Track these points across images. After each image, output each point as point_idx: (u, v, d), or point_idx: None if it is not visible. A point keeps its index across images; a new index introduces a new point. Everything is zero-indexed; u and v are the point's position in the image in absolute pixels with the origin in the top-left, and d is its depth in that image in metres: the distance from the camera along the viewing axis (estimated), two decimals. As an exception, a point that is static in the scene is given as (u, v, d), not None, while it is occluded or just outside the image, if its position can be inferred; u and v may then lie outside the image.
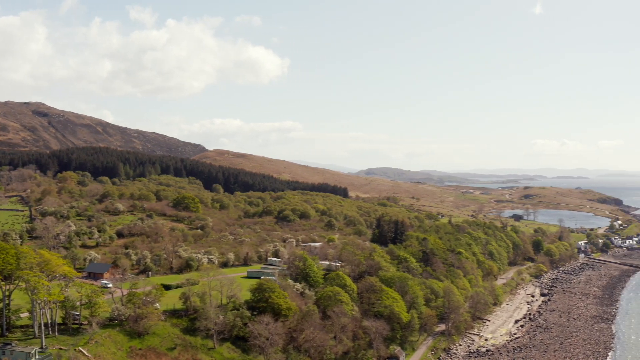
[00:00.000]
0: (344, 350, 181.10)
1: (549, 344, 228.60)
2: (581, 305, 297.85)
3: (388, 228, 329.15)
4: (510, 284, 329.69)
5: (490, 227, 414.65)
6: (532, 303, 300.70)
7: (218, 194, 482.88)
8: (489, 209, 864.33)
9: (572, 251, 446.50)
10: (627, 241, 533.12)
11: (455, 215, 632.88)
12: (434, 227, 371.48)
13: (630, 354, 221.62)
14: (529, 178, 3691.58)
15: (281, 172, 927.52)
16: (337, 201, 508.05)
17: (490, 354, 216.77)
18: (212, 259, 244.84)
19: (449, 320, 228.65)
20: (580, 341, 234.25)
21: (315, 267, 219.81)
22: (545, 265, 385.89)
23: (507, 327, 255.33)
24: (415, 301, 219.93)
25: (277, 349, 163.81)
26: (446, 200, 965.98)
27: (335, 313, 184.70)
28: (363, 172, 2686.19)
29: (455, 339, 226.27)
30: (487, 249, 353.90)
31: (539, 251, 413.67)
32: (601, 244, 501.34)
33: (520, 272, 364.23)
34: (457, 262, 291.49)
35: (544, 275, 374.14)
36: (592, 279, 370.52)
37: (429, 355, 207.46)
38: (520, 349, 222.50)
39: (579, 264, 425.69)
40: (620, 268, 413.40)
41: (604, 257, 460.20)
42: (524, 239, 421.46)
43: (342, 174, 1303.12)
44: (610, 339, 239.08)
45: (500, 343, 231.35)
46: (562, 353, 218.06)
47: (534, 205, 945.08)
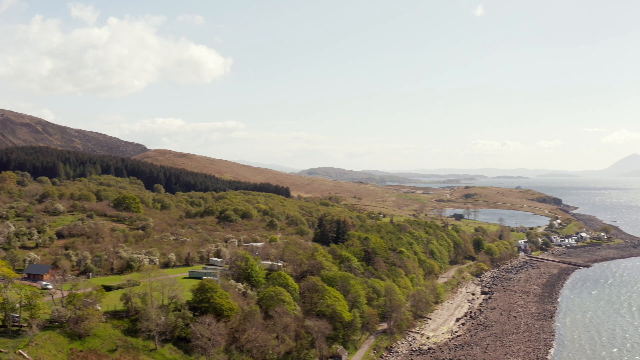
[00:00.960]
0: (287, 350, 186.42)
1: (490, 342, 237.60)
2: (521, 303, 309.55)
3: (330, 228, 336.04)
4: (452, 283, 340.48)
5: (432, 227, 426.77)
6: (473, 301, 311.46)
7: (159, 194, 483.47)
8: (430, 209, 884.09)
9: (513, 250, 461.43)
10: (566, 240, 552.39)
11: (397, 214, 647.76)
12: (376, 227, 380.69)
13: (569, 350, 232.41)
14: (469, 178, 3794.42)
15: (223, 172, 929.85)
16: (280, 201, 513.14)
17: (432, 352, 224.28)
18: (153, 259, 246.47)
19: (391, 319, 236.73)
20: (521, 338, 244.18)
21: (257, 267, 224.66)
22: (486, 264, 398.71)
23: (449, 325, 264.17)
24: (357, 300, 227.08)
25: (220, 349, 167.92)
26: (388, 199, 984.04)
27: (278, 313, 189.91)
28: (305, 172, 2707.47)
29: (397, 338, 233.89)
30: (428, 248, 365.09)
31: (479, 250, 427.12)
32: (541, 243, 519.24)
33: (461, 270, 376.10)
34: (398, 261, 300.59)
35: (484, 273, 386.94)
36: (532, 277, 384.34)
37: (371, 354, 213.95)
38: (461, 347, 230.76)
39: (519, 262, 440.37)
40: (559, 266, 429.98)
41: (544, 256, 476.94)
42: (465, 238, 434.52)
43: (284, 174, 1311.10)
44: (551, 336, 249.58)
45: (441, 341, 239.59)
46: (503, 350, 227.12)
47: (475, 204, 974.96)
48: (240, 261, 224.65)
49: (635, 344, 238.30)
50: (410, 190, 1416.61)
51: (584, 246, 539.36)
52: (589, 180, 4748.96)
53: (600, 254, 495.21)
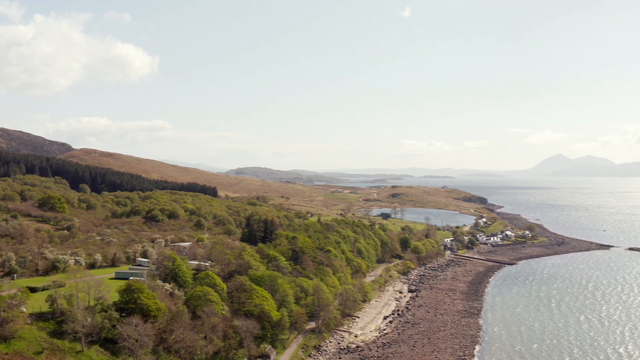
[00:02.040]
0: (215, 350, 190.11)
1: (417, 339, 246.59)
2: (448, 300, 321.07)
3: (258, 227, 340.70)
4: (379, 281, 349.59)
5: (359, 226, 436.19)
6: (401, 299, 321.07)
7: (85, 194, 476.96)
8: (357, 208, 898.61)
9: (439, 248, 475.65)
10: (491, 238, 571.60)
11: (325, 214, 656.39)
12: (304, 226, 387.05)
13: (495, 346, 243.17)
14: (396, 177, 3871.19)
15: (150, 171, 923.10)
16: (207, 201, 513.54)
17: (360, 350, 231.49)
18: (79, 260, 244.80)
19: (319, 317, 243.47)
20: (448, 335, 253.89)
21: (184, 267, 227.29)
22: (412, 262, 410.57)
23: (376, 323, 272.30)
24: (286, 299, 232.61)
25: (147, 350, 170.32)
26: (315, 199, 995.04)
27: (205, 313, 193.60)
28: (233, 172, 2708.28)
29: (325, 336, 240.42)
30: (355, 247, 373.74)
31: (406, 249, 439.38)
32: (467, 241, 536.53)
33: (389, 269, 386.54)
34: (326, 260, 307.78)
35: (411, 272, 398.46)
36: (459, 275, 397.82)
37: (300, 353, 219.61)
38: (389, 345, 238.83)
39: (446, 260, 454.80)
40: (485, 264, 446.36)
41: (470, 254, 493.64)
42: (392, 237, 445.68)
43: (211, 174, 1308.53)
44: (477, 332, 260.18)
45: (369, 339, 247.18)
46: (431, 347, 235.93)
47: (402, 203, 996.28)
48: (167, 261, 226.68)
49: (555, 340, 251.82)
50: (337, 190, 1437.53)
51: (509, 244, 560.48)
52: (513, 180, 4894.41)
53: (525, 252, 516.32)
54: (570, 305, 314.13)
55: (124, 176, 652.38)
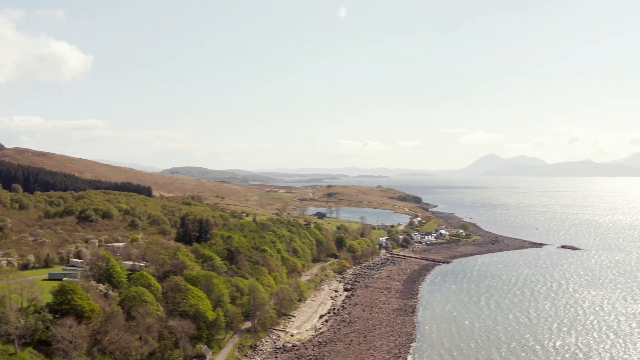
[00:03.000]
0: (150, 350, 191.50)
1: (353, 337, 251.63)
2: (383, 299, 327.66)
3: (193, 227, 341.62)
4: (315, 280, 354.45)
5: (295, 225, 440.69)
6: (336, 298, 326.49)
7: (17, 193, 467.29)
8: (293, 207, 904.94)
9: (374, 247, 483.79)
10: (426, 237, 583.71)
11: (260, 213, 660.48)
12: (239, 226, 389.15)
13: (430, 343, 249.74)
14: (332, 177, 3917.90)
15: (83, 171, 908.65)
16: (141, 200, 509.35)
17: (296, 349, 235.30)
18: (11, 261, 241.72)
19: (255, 317, 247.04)
20: (384, 333, 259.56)
21: (118, 268, 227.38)
22: (348, 261, 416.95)
23: (312, 322, 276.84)
24: (221, 299, 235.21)
25: (82, 351, 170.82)
26: (251, 199, 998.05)
27: (140, 313, 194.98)
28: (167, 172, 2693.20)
29: (261, 336, 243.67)
30: (291, 247, 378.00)
31: (342, 248, 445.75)
32: (401, 240, 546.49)
33: (324, 268, 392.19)
34: (262, 259, 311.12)
35: (347, 271, 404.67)
36: (394, 273, 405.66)
37: (236, 353, 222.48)
38: (325, 343, 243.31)
39: (381, 259, 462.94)
40: (420, 263, 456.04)
41: (405, 253, 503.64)
42: (327, 236, 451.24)
43: (145, 173, 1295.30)
44: (412, 330, 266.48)
45: (305, 338, 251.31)
46: (366, 345, 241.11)
47: (337, 203, 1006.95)
48: (101, 262, 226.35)
49: (487, 336, 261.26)
50: (273, 190, 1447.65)
51: (444, 243, 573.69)
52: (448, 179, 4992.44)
53: (459, 250, 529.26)
54: (502, 302, 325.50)
55: (57, 176, 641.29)
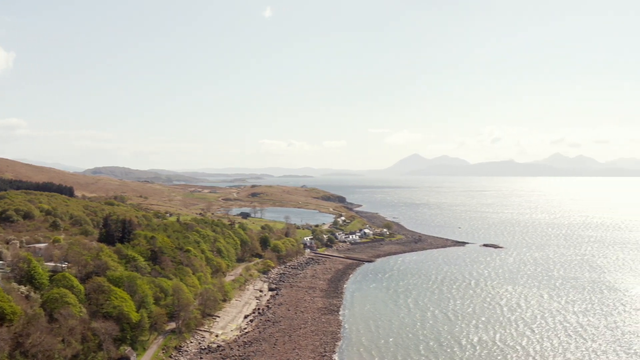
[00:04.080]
0: (73, 353, 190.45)
1: (278, 337, 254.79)
2: (308, 298, 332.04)
3: (115, 227, 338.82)
4: (239, 280, 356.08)
5: (219, 225, 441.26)
6: (261, 298, 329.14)
7: None
8: (217, 207, 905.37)
9: (299, 247, 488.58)
10: (350, 236, 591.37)
11: (184, 213, 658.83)
12: (162, 226, 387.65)
13: (355, 341, 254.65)
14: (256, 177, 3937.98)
15: (3, 171, 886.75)
16: (63, 200, 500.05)
17: (221, 349, 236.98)
18: None
19: (179, 318, 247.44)
20: (309, 333, 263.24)
21: (40, 269, 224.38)
22: (272, 261, 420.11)
23: (237, 322, 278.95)
24: (145, 300, 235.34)
25: (4, 355, 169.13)
26: (174, 199, 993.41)
27: (63, 315, 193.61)
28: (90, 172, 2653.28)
29: (186, 337, 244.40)
30: (215, 247, 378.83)
31: (266, 247, 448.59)
32: (326, 240, 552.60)
33: (249, 268, 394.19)
34: (186, 259, 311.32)
35: (271, 270, 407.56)
36: (318, 272, 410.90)
37: (160, 354, 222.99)
38: (250, 343, 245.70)
39: (305, 258, 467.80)
40: (344, 262, 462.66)
41: (329, 252, 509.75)
42: (252, 236, 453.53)
43: (68, 173, 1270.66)
44: (337, 329, 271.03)
45: (230, 338, 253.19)
46: (292, 345, 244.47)
47: (261, 203, 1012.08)
48: (23, 263, 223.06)
49: (410, 333, 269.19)
50: (197, 190, 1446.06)
51: (368, 242, 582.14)
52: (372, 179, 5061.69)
53: (383, 249, 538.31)
54: (424, 300, 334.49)
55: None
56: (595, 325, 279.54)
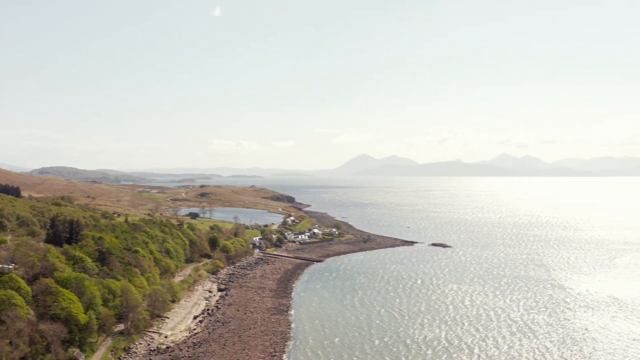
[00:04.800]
0: (21, 355, 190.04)
1: (228, 338, 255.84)
2: (258, 298, 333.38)
3: (63, 228, 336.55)
4: (188, 281, 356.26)
5: (167, 225, 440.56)
6: (210, 298, 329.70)
7: None
8: (165, 208, 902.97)
9: (248, 247, 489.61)
10: (299, 236, 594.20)
11: (132, 214, 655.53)
12: (111, 227, 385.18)
13: (305, 341, 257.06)
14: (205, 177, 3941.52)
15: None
16: (9, 201, 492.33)
17: (170, 350, 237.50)
18: None
19: (127, 319, 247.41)
20: (259, 333, 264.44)
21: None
22: (221, 261, 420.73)
23: (187, 323, 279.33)
24: (93, 302, 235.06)
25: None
26: (123, 199, 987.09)
27: (10, 317, 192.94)
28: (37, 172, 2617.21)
29: (135, 338, 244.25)
30: (164, 247, 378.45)
31: (215, 248, 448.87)
32: (275, 240, 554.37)
33: (198, 268, 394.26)
34: (134, 260, 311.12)
35: (220, 271, 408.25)
36: (268, 273, 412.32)
37: (109, 356, 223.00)
38: (200, 344, 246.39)
39: (255, 259, 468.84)
40: (293, 262, 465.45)
41: (278, 252, 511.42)
42: (201, 236, 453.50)
43: (14, 173, 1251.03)
44: (287, 328, 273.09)
45: (180, 339, 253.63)
46: (241, 345, 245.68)
47: (210, 203, 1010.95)
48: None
49: (358, 332, 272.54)
50: (145, 190, 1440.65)
51: (317, 242, 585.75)
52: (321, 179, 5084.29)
53: (332, 249, 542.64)
54: (373, 299, 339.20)
55: None
56: (540, 322, 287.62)
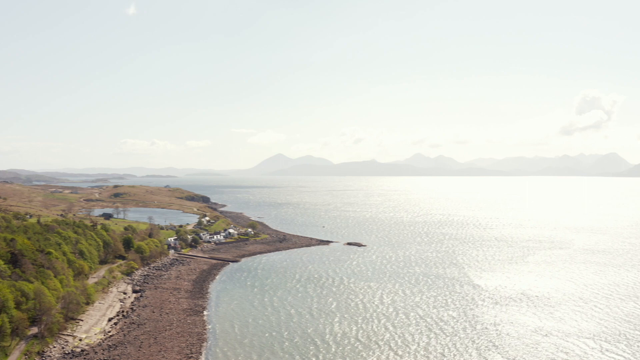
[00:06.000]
0: None
1: (143, 339, 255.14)
2: (173, 299, 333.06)
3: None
4: (102, 283, 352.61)
5: (81, 226, 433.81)
6: (125, 300, 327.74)
7: None
8: (79, 208, 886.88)
9: (163, 247, 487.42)
10: (215, 236, 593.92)
11: (45, 214, 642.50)
12: (23, 228, 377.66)
13: (221, 341, 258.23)
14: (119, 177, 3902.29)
15: None
16: None
17: (85, 353, 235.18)
18: None
19: (41, 322, 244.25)
20: (174, 334, 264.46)
21: None
22: (136, 263, 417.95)
23: (101, 325, 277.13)
24: (5, 305, 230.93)
25: None
26: (35, 199, 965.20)
27: None
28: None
29: (49, 341, 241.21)
30: (77, 248, 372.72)
31: (129, 249, 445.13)
32: (190, 240, 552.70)
33: (112, 270, 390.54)
34: (47, 262, 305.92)
35: (135, 272, 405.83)
36: (183, 273, 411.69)
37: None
38: (115, 347, 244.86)
39: (170, 259, 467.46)
40: (209, 262, 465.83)
41: (194, 252, 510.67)
42: (115, 237, 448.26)
43: None
44: (203, 330, 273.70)
45: (95, 342, 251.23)
46: (157, 347, 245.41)
47: (124, 203, 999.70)
48: None
49: (274, 331, 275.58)
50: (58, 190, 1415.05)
51: (233, 242, 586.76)
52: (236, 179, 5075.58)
53: (248, 249, 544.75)
54: (287, 298, 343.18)
55: None
56: (452, 319, 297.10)
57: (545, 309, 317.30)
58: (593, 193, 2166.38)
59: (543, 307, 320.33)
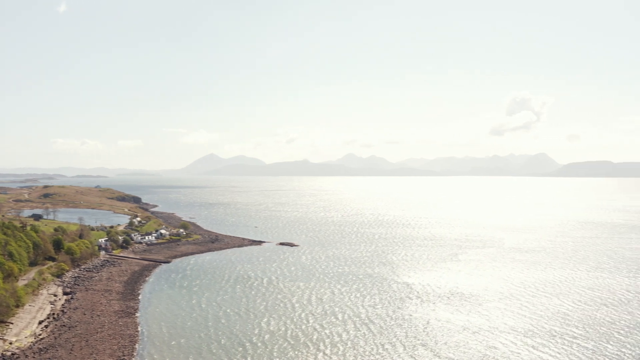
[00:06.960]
0: None
1: (75, 342, 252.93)
2: (104, 301, 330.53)
3: None
4: (32, 285, 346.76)
5: (10, 227, 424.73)
6: (56, 302, 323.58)
7: None
8: (7, 209, 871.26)
9: (93, 249, 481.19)
10: (146, 237, 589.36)
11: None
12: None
13: (154, 343, 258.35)
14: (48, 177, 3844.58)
15: None
16: None
17: (16, 357, 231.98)
18: None
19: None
20: (106, 337, 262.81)
21: None
22: (67, 264, 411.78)
23: (32, 328, 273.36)
24: None
25: None
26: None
27: None
28: None
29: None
30: (7, 250, 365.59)
31: (60, 250, 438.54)
32: (121, 241, 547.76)
33: (42, 272, 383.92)
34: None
35: (66, 274, 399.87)
36: (114, 275, 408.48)
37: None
38: (46, 350, 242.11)
39: (101, 261, 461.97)
40: (140, 263, 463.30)
41: (125, 254, 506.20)
42: (45, 238, 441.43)
43: None
44: (135, 332, 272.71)
45: (25, 345, 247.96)
46: (89, 350, 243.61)
47: (54, 204, 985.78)
48: None
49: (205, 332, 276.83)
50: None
51: (164, 243, 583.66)
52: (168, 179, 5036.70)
53: (179, 250, 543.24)
54: (218, 299, 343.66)
55: None
56: (384, 317, 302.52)
57: (475, 306, 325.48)
58: (522, 193, 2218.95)
59: (472, 305, 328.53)
